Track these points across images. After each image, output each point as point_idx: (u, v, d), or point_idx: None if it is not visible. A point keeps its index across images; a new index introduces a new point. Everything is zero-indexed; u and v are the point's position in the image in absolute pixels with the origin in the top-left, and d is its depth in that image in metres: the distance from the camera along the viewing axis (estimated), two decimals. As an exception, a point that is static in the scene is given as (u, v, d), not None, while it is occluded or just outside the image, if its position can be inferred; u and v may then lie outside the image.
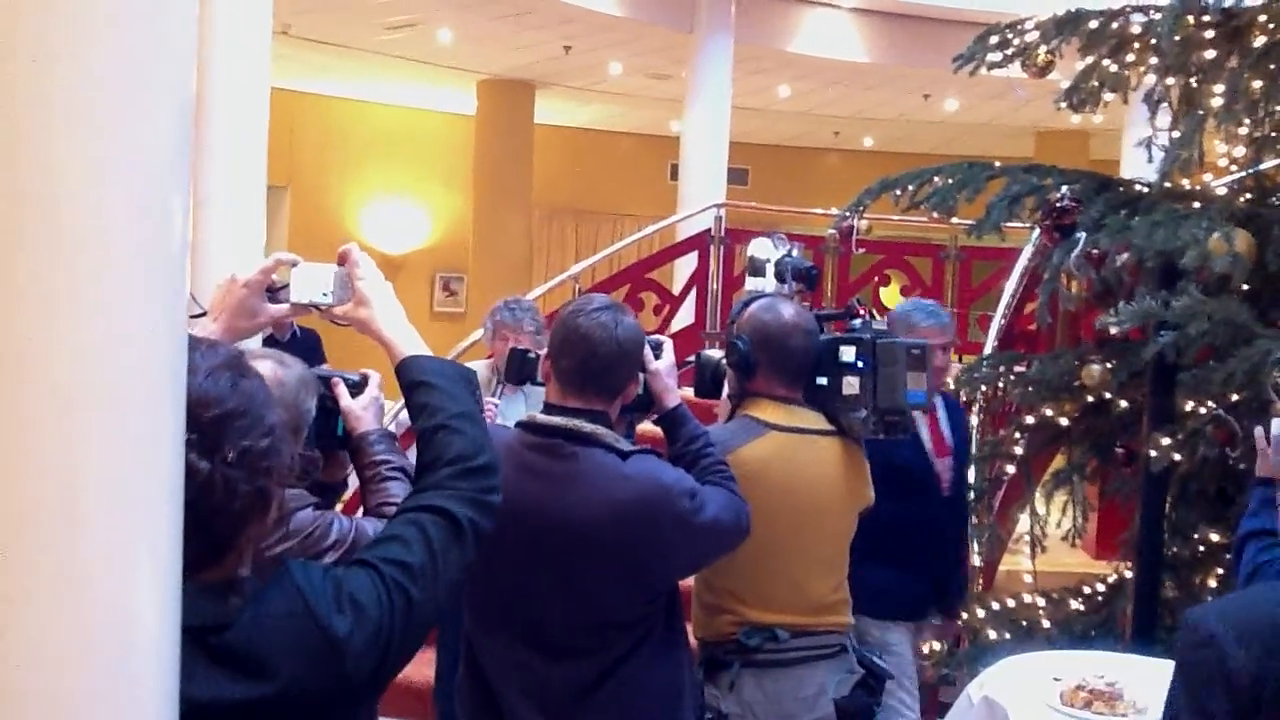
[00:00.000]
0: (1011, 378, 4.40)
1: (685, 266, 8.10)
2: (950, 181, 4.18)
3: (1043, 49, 4.33)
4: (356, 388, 2.21)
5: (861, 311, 2.65)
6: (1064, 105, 4.20)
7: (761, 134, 13.06)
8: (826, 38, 10.07)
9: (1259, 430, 2.54)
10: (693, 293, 7.80)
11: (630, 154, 13.99)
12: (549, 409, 2.33)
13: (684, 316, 7.73)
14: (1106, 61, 4.08)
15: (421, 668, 5.01)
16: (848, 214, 4.42)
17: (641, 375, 2.40)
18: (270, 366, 2.26)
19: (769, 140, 13.58)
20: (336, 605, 1.31)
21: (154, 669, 1.09)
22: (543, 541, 2.25)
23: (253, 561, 1.37)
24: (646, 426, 2.64)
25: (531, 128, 12.19)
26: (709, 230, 7.84)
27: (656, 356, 2.45)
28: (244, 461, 1.26)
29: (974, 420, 4.88)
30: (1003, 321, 5.86)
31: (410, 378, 1.60)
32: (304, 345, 6.24)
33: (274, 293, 1.77)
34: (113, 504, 1.04)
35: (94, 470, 1.03)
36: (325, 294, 1.72)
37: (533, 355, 2.51)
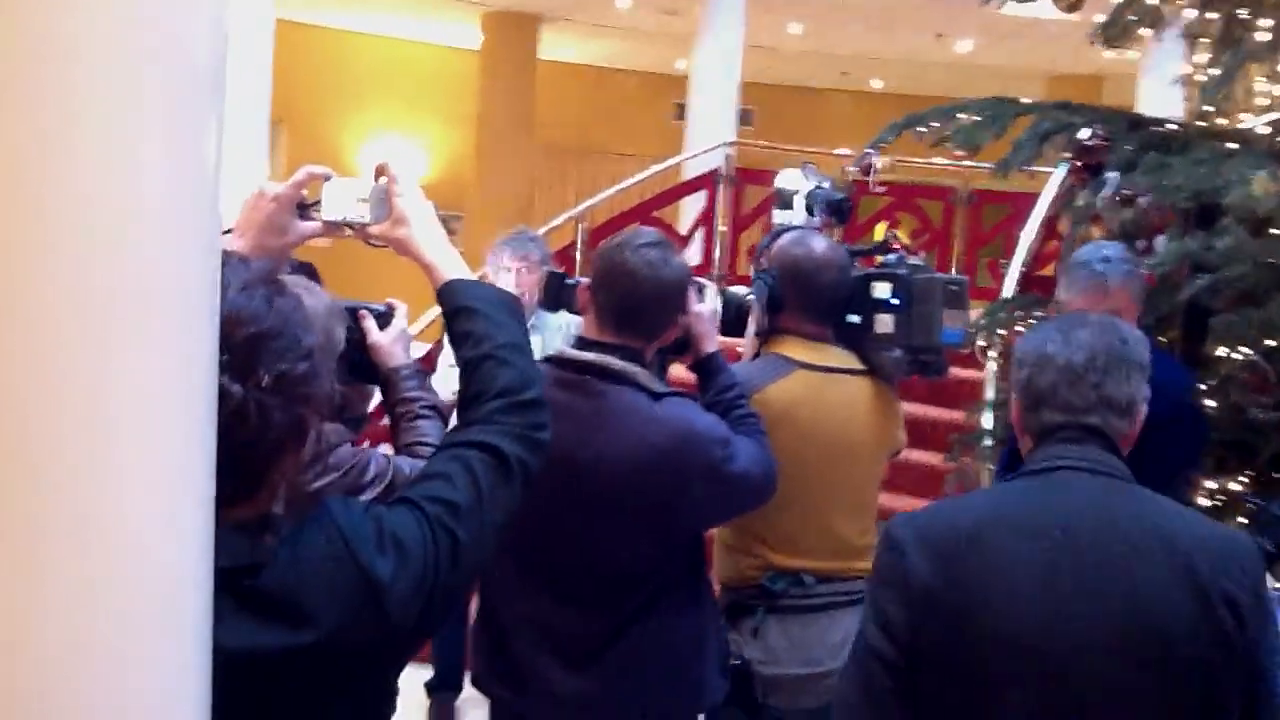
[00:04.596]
0: (1031, 322, 4.30)
1: (692, 206, 7.96)
2: (977, 118, 4.04)
3: (1076, -20, 4.18)
4: (383, 319, 2.09)
5: (897, 245, 2.54)
6: (1098, 41, 4.06)
7: (768, 74, 12.82)
8: (841, -29, 9.84)
9: None
10: (700, 233, 7.67)
11: (634, 93, 13.77)
12: (581, 343, 2.22)
13: (691, 257, 7.60)
14: (1144, -5, 3.93)
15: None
16: (869, 151, 4.28)
17: (681, 317, 2.29)
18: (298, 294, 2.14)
19: (775, 80, 13.35)
20: (378, 546, 1.20)
21: (188, 616, 0.99)
22: (565, 482, 2.14)
23: (290, 498, 1.26)
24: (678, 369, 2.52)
25: (535, 64, 11.97)
26: (718, 169, 7.69)
27: (699, 299, 2.34)
28: (280, 387, 1.14)
29: (992, 366, 4.79)
30: (1022, 269, 5.72)
31: (454, 303, 1.46)
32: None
33: (304, 209, 1.63)
34: (143, 432, 0.93)
35: (124, 395, 0.92)
36: (361, 211, 1.59)
37: (571, 281, 2.38)
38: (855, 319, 2.51)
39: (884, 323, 2.47)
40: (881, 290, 2.47)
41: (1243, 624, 1.52)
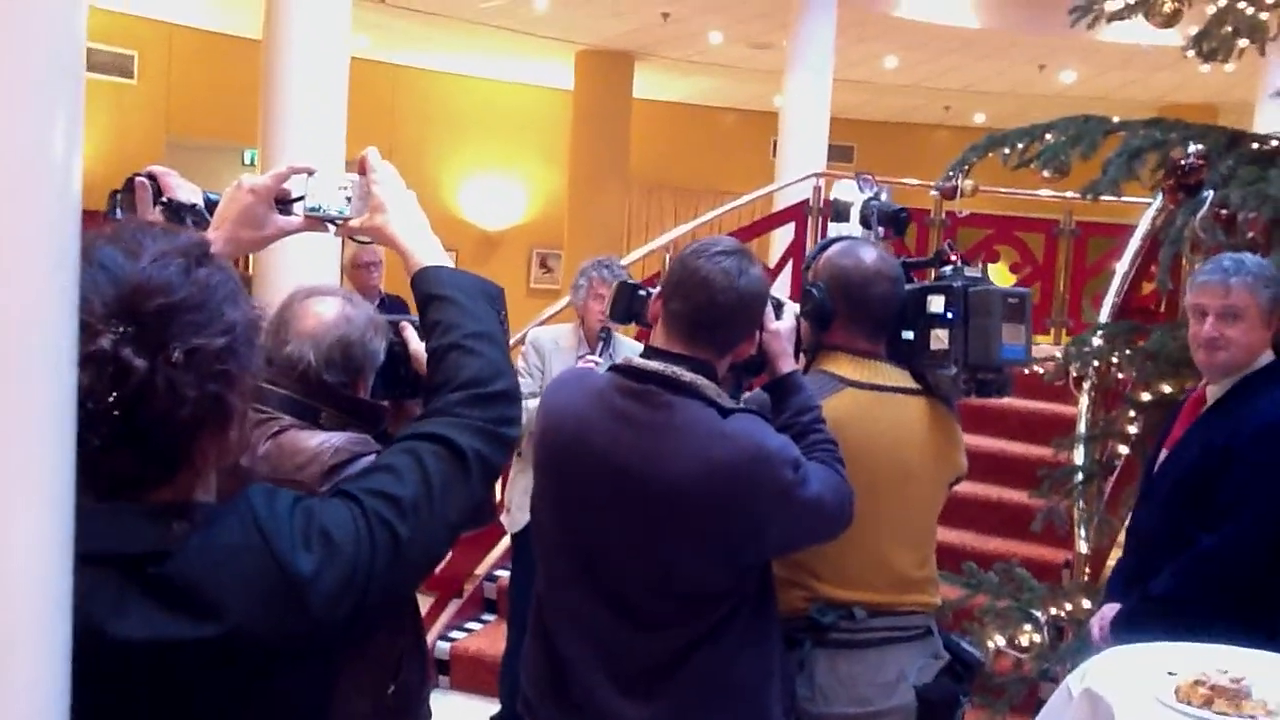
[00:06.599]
0: (1127, 351, 4.07)
1: (782, 238, 7.83)
2: (1064, 138, 3.86)
3: (1169, -6, 3.99)
4: None
5: (953, 257, 2.38)
6: (1192, 53, 3.86)
7: (868, 108, 12.68)
8: (935, 2, 9.65)
9: None
10: (789, 265, 7.53)
11: (732, 130, 13.73)
12: (650, 353, 2.12)
13: (779, 289, 7.46)
14: (1242, 4, 3.72)
15: (496, 640, 4.90)
16: (952, 173, 4.12)
17: (758, 334, 2.18)
18: (338, 303, 2.14)
19: (875, 115, 13.19)
20: (304, 540, 1.13)
21: (30, 610, 0.90)
22: (627, 496, 2.05)
23: (224, 487, 1.19)
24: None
25: (630, 101, 12.01)
26: (807, 201, 7.56)
27: (777, 316, 2.24)
28: (193, 362, 1.07)
29: (1084, 400, 4.54)
30: (1116, 299, 5.45)
31: (425, 290, 1.41)
32: (390, 312, 6.13)
33: (287, 204, 1.61)
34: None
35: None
36: (343, 207, 1.56)
37: (643, 292, 2.30)
38: (909, 335, 2.36)
39: (939, 338, 2.31)
40: (935, 304, 2.31)
41: None
